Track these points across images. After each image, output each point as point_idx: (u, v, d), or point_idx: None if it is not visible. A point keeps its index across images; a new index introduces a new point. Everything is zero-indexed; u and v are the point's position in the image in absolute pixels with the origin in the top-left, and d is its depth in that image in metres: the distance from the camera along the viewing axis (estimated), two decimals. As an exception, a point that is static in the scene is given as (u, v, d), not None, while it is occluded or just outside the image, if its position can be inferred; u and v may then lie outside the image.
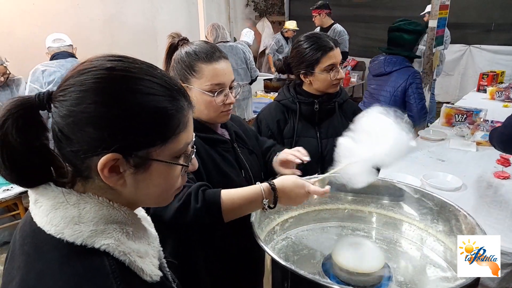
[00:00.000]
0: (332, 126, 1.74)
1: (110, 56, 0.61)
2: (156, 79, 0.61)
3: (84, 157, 0.58)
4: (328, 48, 1.62)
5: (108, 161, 0.57)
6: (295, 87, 1.77)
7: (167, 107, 0.60)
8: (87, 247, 0.57)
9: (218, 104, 1.19)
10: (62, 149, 0.60)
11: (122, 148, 0.57)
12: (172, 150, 0.62)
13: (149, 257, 0.66)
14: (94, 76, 0.57)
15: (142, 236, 0.67)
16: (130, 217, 0.65)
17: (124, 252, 0.59)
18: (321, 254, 1.20)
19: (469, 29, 6.56)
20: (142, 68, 0.61)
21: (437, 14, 3.20)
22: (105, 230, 0.59)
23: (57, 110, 0.58)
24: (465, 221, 1.13)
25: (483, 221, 1.59)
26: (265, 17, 8.22)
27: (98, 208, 0.61)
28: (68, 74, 0.60)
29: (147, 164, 0.61)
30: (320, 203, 1.38)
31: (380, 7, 7.31)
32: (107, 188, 0.62)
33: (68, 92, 0.58)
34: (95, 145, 0.57)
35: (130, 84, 0.58)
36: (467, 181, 2.02)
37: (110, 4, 5.22)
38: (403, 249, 1.26)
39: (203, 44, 1.20)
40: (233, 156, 1.30)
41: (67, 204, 0.60)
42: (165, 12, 6.05)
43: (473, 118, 2.94)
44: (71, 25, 4.73)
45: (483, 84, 4.29)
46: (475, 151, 2.51)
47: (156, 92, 0.60)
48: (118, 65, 0.59)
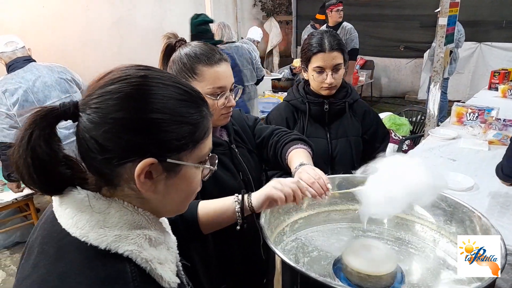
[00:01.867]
0: (342, 127, 1.72)
1: (138, 65, 0.64)
2: (184, 87, 0.65)
3: (117, 165, 0.59)
4: (318, 49, 1.59)
5: (145, 166, 0.59)
6: (304, 87, 1.76)
7: (196, 112, 0.64)
8: (111, 251, 0.58)
9: (219, 107, 1.18)
10: (92, 159, 0.60)
11: (157, 153, 0.59)
12: (199, 155, 0.65)
13: (168, 263, 0.66)
14: (130, 83, 0.59)
15: (163, 241, 0.68)
16: (153, 222, 0.66)
17: (146, 259, 0.60)
18: (332, 256, 1.18)
19: (480, 26, 6.48)
20: (171, 77, 0.65)
21: (447, 11, 3.16)
22: (129, 236, 0.60)
23: (90, 117, 0.58)
24: (480, 222, 1.11)
25: (496, 222, 1.57)
26: (273, 16, 8.21)
27: (123, 213, 0.62)
28: (95, 84, 0.61)
29: (178, 169, 0.63)
30: (331, 204, 1.37)
31: (389, 5, 7.27)
32: (134, 197, 0.63)
33: (102, 100, 0.59)
34: (131, 151, 0.58)
35: (165, 91, 0.61)
36: (479, 181, 1.99)
37: (119, 7, 5.26)
38: (415, 250, 1.24)
39: (202, 45, 1.19)
40: (230, 158, 1.28)
41: (93, 207, 0.61)
42: (173, 13, 6.08)
43: (485, 116, 2.89)
44: (80, 28, 4.78)
45: (494, 82, 4.23)
46: (487, 150, 2.47)
47: (186, 99, 0.63)
48: (150, 73, 0.62)
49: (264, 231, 1.04)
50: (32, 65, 2.66)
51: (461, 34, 5.51)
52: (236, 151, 1.29)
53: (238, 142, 1.34)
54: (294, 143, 1.30)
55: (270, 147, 1.36)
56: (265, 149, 1.39)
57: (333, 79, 1.61)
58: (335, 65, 1.60)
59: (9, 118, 2.49)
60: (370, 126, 1.78)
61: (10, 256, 3.13)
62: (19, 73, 2.59)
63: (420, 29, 7.06)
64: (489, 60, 6.55)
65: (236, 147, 1.31)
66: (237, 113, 1.44)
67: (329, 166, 1.72)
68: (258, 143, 1.41)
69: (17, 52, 2.64)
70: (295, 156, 1.25)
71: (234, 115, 1.39)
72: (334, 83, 1.63)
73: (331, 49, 1.59)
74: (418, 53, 7.20)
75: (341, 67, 1.63)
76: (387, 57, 7.67)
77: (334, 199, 1.37)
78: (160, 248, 0.66)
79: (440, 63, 3.26)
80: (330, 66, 1.60)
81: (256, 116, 1.53)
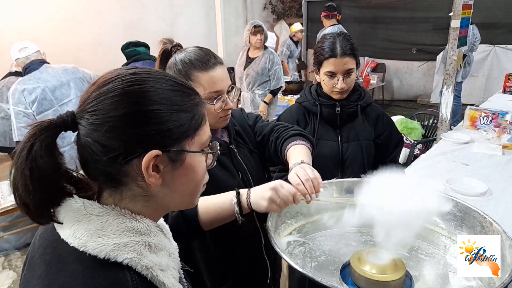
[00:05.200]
0: (354, 130, 1.70)
1: (125, 67, 0.66)
2: (173, 79, 0.66)
3: (124, 163, 0.60)
4: (329, 54, 1.58)
5: (151, 158, 0.59)
6: (317, 89, 1.75)
7: (190, 99, 0.65)
8: (110, 260, 0.57)
9: (216, 111, 1.18)
10: (97, 162, 0.60)
11: (160, 143, 0.60)
12: (201, 142, 0.67)
13: (170, 270, 0.66)
14: (122, 81, 0.61)
15: (163, 248, 0.67)
16: (153, 229, 0.66)
17: (146, 266, 0.60)
18: (340, 261, 1.17)
19: (494, 29, 6.38)
20: (159, 71, 0.67)
21: (460, 13, 3.12)
22: (128, 244, 0.60)
23: (89, 121, 0.59)
24: (491, 228, 1.09)
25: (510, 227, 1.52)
26: (283, 19, 8.22)
27: (120, 221, 0.61)
28: (91, 88, 0.62)
29: (183, 158, 0.64)
30: (339, 208, 1.35)
31: (401, 8, 7.21)
32: (141, 196, 0.64)
33: (98, 102, 0.59)
34: (135, 146, 0.59)
35: (157, 84, 0.63)
36: (493, 186, 1.95)
37: (131, 11, 5.33)
38: (425, 256, 1.22)
39: (197, 50, 1.19)
40: (229, 158, 1.28)
41: (90, 216, 0.60)
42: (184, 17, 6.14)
43: (499, 120, 2.84)
44: (92, 31, 4.86)
45: (509, 85, 4.15)
46: (501, 154, 2.43)
47: (178, 89, 0.65)
48: (139, 70, 0.64)
49: (271, 235, 1.04)
50: (47, 66, 2.76)
51: (476, 38, 5.44)
52: (235, 151, 1.29)
53: (239, 142, 1.33)
54: (293, 138, 1.29)
55: (271, 144, 1.36)
56: (266, 146, 1.38)
57: (344, 84, 1.60)
58: (346, 70, 1.59)
59: (26, 117, 2.55)
60: (383, 130, 1.75)
61: (21, 257, 3.17)
62: (35, 74, 2.69)
63: (432, 32, 6.98)
64: (504, 63, 6.44)
65: (237, 147, 1.31)
66: (238, 113, 1.44)
67: (340, 169, 1.70)
68: (259, 141, 1.40)
69: (30, 57, 2.74)
70: (293, 152, 1.24)
71: (235, 115, 1.38)
72: (346, 87, 1.61)
73: (343, 54, 1.57)
74: (430, 55, 7.12)
75: (353, 72, 1.61)
76: (399, 60, 7.59)
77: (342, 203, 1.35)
78: (161, 254, 0.65)
79: (452, 66, 3.22)
80: (342, 71, 1.59)
81: (257, 114, 1.52)
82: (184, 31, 6.03)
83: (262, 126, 1.42)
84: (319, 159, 1.33)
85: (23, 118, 2.54)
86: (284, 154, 1.27)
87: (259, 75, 4.02)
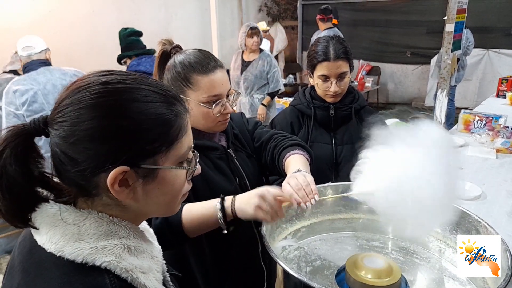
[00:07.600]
0: (348, 133, 1.70)
1: (103, 71, 0.62)
2: (151, 87, 0.62)
3: (92, 175, 0.58)
4: (323, 58, 1.58)
5: (117, 175, 0.57)
6: (311, 91, 1.74)
7: (167, 112, 0.61)
8: (88, 265, 0.56)
9: (215, 115, 1.17)
10: (66, 172, 0.59)
11: (129, 159, 0.57)
12: (177, 156, 0.63)
13: (153, 272, 0.64)
14: (91, 92, 0.58)
15: (144, 250, 0.65)
16: (132, 231, 0.64)
17: (126, 269, 0.58)
18: (335, 265, 1.16)
19: (488, 33, 6.43)
20: (136, 79, 0.62)
21: (454, 17, 3.14)
22: (106, 247, 0.58)
23: (57, 132, 0.57)
24: (486, 232, 1.08)
25: (504, 231, 1.53)
26: (278, 22, 8.22)
27: (98, 224, 0.60)
28: (63, 95, 0.60)
29: (155, 173, 0.61)
30: (334, 212, 1.35)
31: (396, 11, 7.25)
32: (114, 205, 0.62)
33: (66, 113, 0.57)
34: (102, 161, 0.57)
35: (127, 95, 0.59)
36: (487, 190, 1.96)
37: (125, 11, 5.30)
38: (420, 260, 1.22)
39: (197, 53, 1.17)
40: (226, 162, 1.26)
41: (66, 221, 0.59)
42: (179, 18, 6.11)
43: (493, 124, 2.86)
44: (86, 32, 4.82)
45: (502, 89, 4.18)
46: (495, 158, 2.43)
47: (154, 100, 0.61)
48: (112, 78, 0.60)
49: (266, 240, 1.03)
50: (46, 68, 2.72)
51: (470, 42, 5.47)
52: (233, 156, 1.28)
53: (237, 147, 1.32)
54: (291, 148, 1.28)
55: (268, 152, 1.34)
56: (263, 153, 1.37)
57: (337, 88, 1.61)
58: (340, 73, 1.60)
59: (16, 118, 2.52)
60: None
61: (13, 260, 3.13)
62: (31, 75, 2.65)
63: (427, 35, 7.03)
64: (497, 67, 6.49)
65: (235, 151, 1.29)
66: (238, 117, 1.43)
67: (334, 172, 1.69)
68: (257, 147, 1.39)
69: (32, 57, 2.71)
70: (291, 162, 1.22)
71: (234, 119, 1.37)
72: (339, 91, 1.62)
73: (336, 58, 1.58)
74: (425, 59, 7.16)
75: (346, 75, 1.62)
76: (394, 63, 7.63)
77: (338, 207, 1.34)
78: (142, 257, 0.63)
79: (447, 69, 3.24)
80: (335, 74, 1.59)
81: (257, 120, 1.51)
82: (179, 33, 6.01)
83: (261, 132, 1.41)
84: (313, 162, 1.32)
85: (13, 119, 2.51)
86: (282, 164, 1.26)
87: (258, 79, 3.98)
